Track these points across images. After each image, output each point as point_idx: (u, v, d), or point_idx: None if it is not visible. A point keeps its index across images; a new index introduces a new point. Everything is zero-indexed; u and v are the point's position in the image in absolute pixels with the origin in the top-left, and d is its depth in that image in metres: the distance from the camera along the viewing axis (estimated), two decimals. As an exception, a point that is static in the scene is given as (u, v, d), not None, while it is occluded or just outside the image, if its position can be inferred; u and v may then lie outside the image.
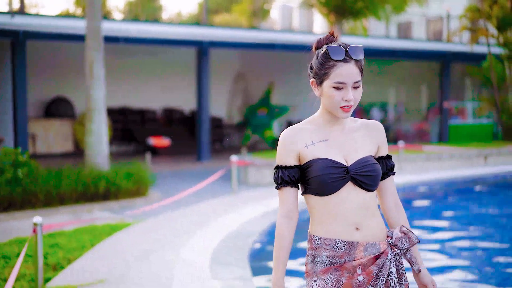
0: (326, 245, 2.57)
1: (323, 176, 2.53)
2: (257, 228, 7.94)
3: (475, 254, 7.82)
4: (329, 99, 2.57)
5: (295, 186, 2.62)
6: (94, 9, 11.94)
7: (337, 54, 2.54)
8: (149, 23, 17.55)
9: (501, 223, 10.08)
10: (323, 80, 2.58)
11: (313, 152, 2.59)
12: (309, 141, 2.61)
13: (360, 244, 2.56)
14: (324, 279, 2.55)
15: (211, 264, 6.11)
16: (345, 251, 2.55)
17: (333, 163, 2.56)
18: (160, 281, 5.57)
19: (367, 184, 2.57)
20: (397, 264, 2.60)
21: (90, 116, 12.00)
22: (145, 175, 12.03)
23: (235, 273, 5.80)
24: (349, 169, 2.56)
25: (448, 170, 14.67)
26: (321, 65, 2.58)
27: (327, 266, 2.57)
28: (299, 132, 2.63)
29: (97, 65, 11.93)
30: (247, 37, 18.37)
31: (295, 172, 2.60)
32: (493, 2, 20.10)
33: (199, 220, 8.55)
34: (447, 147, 18.28)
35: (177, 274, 5.79)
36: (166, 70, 22.86)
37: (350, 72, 2.53)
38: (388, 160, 2.73)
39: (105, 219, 9.47)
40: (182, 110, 23.44)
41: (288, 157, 2.61)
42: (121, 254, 6.68)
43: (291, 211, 2.62)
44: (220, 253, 6.59)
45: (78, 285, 5.37)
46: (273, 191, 11.67)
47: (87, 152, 12.07)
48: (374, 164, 2.61)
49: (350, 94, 2.53)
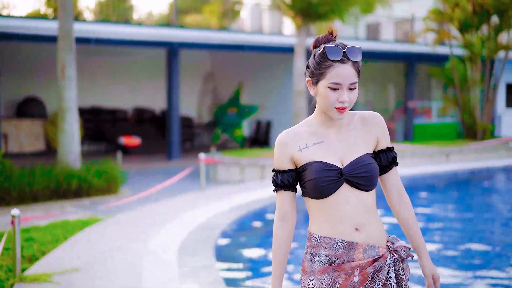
0: (325, 243, 2.57)
1: (317, 179, 2.53)
2: (223, 221, 8.38)
3: (432, 249, 8.33)
4: (324, 99, 2.54)
5: (290, 190, 2.62)
6: (66, 11, 12.23)
7: (334, 54, 2.50)
8: (120, 24, 17.85)
9: (457, 219, 10.62)
10: (319, 79, 2.54)
11: (307, 156, 2.58)
12: (303, 145, 2.59)
13: (359, 245, 2.55)
14: (320, 279, 2.55)
15: (179, 254, 6.53)
16: (344, 251, 2.55)
17: (326, 166, 2.55)
18: (131, 269, 5.98)
19: (362, 185, 2.56)
20: (397, 269, 2.60)
21: (62, 116, 12.29)
22: (116, 173, 12.37)
23: (201, 261, 6.23)
24: (343, 172, 2.55)
25: (410, 167, 15.22)
26: (318, 64, 2.54)
27: (325, 265, 2.56)
28: (293, 135, 2.62)
29: (68, 66, 12.23)
30: (217, 38, 18.77)
31: (290, 176, 2.61)
32: (455, 5, 20.74)
33: (168, 215, 8.96)
34: (410, 146, 18.88)
35: (147, 263, 6.21)
36: (137, 70, 23.19)
37: (346, 73, 2.50)
38: (389, 153, 2.69)
39: (77, 215, 9.82)
40: (153, 110, 23.76)
41: (283, 161, 2.61)
42: (94, 246, 7.06)
43: (287, 213, 2.63)
44: (187, 244, 7.03)
45: (54, 273, 5.75)
46: (239, 188, 12.12)
47: (59, 150, 12.36)
48: (369, 164, 2.58)
49: (345, 95, 2.50)
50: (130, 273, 5.87)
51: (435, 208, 11.42)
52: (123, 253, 6.67)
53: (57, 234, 7.84)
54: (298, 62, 16.68)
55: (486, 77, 21.57)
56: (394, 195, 2.70)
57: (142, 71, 23.30)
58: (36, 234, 7.81)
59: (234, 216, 8.78)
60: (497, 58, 21.98)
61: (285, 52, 19.63)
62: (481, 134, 21.32)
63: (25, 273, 5.74)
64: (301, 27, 16.65)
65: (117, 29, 17.00)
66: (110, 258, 6.46)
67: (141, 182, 13.76)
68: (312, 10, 15.89)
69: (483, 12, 20.70)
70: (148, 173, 15.55)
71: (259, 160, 14.34)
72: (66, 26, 12.22)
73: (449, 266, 7.05)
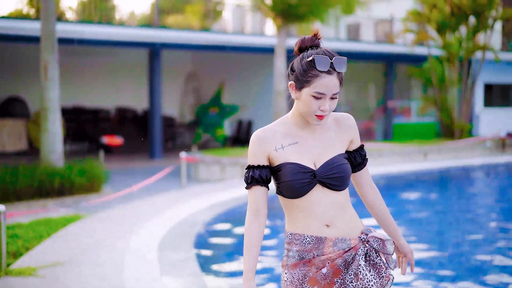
0: (296, 240, 2.65)
1: (291, 181, 2.59)
2: (203, 218, 8.62)
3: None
4: (305, 106, 2.58)
5: (265, 186, 2.66)
6: (48, 12, 12.38)
7: (323, 65, 2.53)
8: (102, 25, 17.99)
9: (431, 215, 10.93)
10: (303, 86, 2.57)
11: (282, 156, 2.63)
12: (279, 145, 2.64)
13: (328, 239, 2.62)
14: (292, 274, 2.64)
15: (159, 248, 6.76)
16: (314, 246, 2.62)
17: (300, 168, 2.60)
18: (114, 263, 6.20)
19: (335, 186, 2.62)
20: (373, 258, 2.66)
21: (45, 115, 12.42)
22: (99, 171, 12.54)
23: (180, 255, 6.46)
24: (316, 173, 2.61)
25: (388, 166, 15.52)
26: (304, 71, 2.56)
27: (297, 261, 2.64)
28: (269, 133, 2.66)
29: (51, 66, 12.37)
30: (199, 39, 18.96)
31: (266, 172, 2.65)
32: (433, 6, 21.12)
33: (149, 212, 9.18)
34: (389, 145, 19.20)
35: (129, 257, 6.42)
36: (119, 70, 23.34)
37: (331, 84, 2.55)
38: (361, 151, 2.80)
39: (60, 212, 10.00)
40: (135, 110, 23.92)
41: (259, 157, 2.65)
42: (77, 241, 7.27)
43: (259, 210, 2.65)
44: (168, 239, 7.26)
45: (38, 267, 5.95)
46: (220, 186, 12.35)
47: (42, 150, 12.50)
48: (341, 165, 2.65)
49: (327, 105, 2.56)
50: (113, 266, 6.08)
51: (411, 205, 11.72)
52: (106, 248, 6.88)
53: (41, 231, 8.02)
54: (278, 62, 16.94)
55: (463, 77, 21.97)
56: (367, 188, 2.84)
57: (124, 71, 23.46)
58: (19, 231, 7.98)
59: (214, 213, 9.02)
60: (474, 59, 22.38)
61: (266, 52, 19.88)
62: (459, 133, 21.72)
63: (10, 267, 5.94)
64: (282, 28, 16.91)
65: (99, 30, 17.15)
66: (93, 252, 6.67)
67: (123, 181, 13.94)
68: (292, 12, 16.16)
69: (460, 13, 21.10)
70: (130, 172, 15.73)
71: (240, 159, 14.58)
72: (49, 27, 12.36)
73: (423, 260, 7.32)
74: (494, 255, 7.80)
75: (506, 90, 26.62)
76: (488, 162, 17.86)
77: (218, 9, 35.73)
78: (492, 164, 17.74)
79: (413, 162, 17.17)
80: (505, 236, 9.12)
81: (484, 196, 13.69)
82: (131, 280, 5.60)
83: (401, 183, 14.20)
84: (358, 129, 2.84)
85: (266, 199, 2.68)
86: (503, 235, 9.20)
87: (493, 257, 7.67)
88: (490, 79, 25.45)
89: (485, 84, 25.52)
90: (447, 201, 12.72)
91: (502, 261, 7.42)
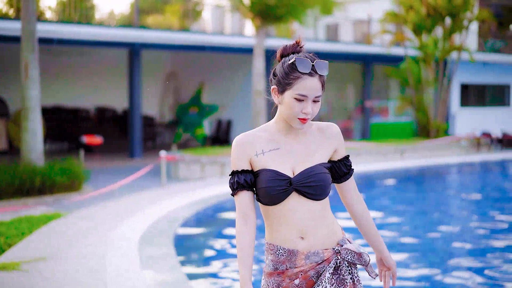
0: (270, 250, 2.67)
1: (267, 188, 2.59)
2: (182, 214, 8.81)
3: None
4: (288, 109, 2.58)
5: (250, 190, 2.66)
6: (29, 12, 12.48)
7: (304, 67, 2.55)
8: (82, 25, 18.08)
9: (405, 211, 11.21)
10: (285, 89, 2.58)
11: (261, 162, 2.64)
12: (260, 150, 2.64)
13: (300, 253, 2.61)
14: (268, 282, 2.67)
15: (140, 244, 6.94)
16: (286, 258, 2.62)
17: (277, 175, 2.60)
18: (95, 258, 6.37)
19: (312, 195, 2.60)
20: (342, 272, 2.63)
21: (25, 115, 12.52)
22: (79, 170, 12.66)
23: (160, 250, 6.65)
24: (293, 181, 2.60)
25: (365, 164, 15.79)
26: (286, 75, 2.57)
27: (272, 270, 2.66)
28: (251, 138, 2.67)
29: (32, 66, 12.47)
30: (178, 39, 19.11)
31: (250, 176, 2.65)
32: (409, 7, 21.48)
33: (130, 209, 9.36)
34: (367, 144, 19.50)
35: (110, 252, 6.60)
36: (99, 69, 23.42)
37: (313, 86, 2.55)
38: (346, 161, 2.76)
39: (41, 210, 10.14)
40: (115, 109, 24.01)
41: (242, 162, 2.65)
42: (59, 237, 7.42)
43: (247, 214, 2.65)
44: (148, 234, 7.44)
45: (22, 262, 6.11)
46: (199, 184, 12.54)
47: (23, 149, 12.59)
48: (320, 174, 2.63)
49: (309, 107, 2.56)
50: (94, 261, 6.25)
51: (385, 201, 11.99)
52: (87, 244, 7.05)
53: (23, 228, 8.15)
54: (257, 62, 17.15)
55: (439, 77, 22.36)
56: (352, 199, 2.79)
57: (104, 71, 23.55)
58: (1, 228, 8.10)
59: (193, 210, 9.21)
60: (450, 59, 22.77)
61: (245, 53, 20.08)
62: (435, 133, 22.10)
63: (-6, 262, 6.10)
64: (260, 29, 17.13)
65: (79, 30, 17.25)
66: (75, 248, 6.84)
67: (103, 180, 14.06)
68: (270, 12, 16.39)
69: (436, 15, 21.49)
70: (110, 171, 15.85)
71: (219, 158, 14.77)
72: (29, 27, 12.45)
73: (400, 256, 7.57)
74: (465, 247, 8.08)
75: (482, 90, 27.09)
76: (462, 160, 18.24)
77: (197, 9, 35.84)
78: (466, 162, 18.12)
79: (389, 161, 17.47)
80: (477, 230, 9.41)
81: (457, 193, 14.01)
82: (113, 274, 5.77)
83: (377, 181, 14.48)
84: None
85: (253, 203, 2.68)
86: (476, 229, 9.50)
87: (465, 248, 7.95)
88: (466, 79, 25.87)
89: (462, 84, 25.94)
90: (422, 198, 13.01)
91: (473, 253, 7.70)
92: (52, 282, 5.51)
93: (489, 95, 27.32)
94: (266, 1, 16.38)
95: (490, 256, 7.63)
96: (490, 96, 27.35)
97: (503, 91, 27.78)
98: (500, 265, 7.16)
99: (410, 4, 21.41)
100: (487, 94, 27.27)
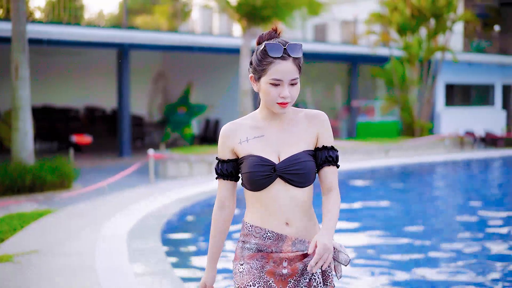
0: (256, 233, 2.67)
1: (251, 174, 2.62)
2: (170, 211, 9.10)
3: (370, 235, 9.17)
4: (266, 95, 2.61)
5: (229, 179, 2.74)
6: (19, 13, 12.70)
7: (275, 51, 2.57)
8: (71, 25, 18.29)
9: (386, 207, 11.53)
10: (260, 76, 2.61)
11: (246, 149, 2.67)
12: (244, 138, 2.68)
13: (288, 238, 2.64)
14: (250, 264, 2.65)
15: (128, 238, 7.23)
16: (273, 242, 2.64)
17: (261, 160, 2.62)
18: (86, 251, 6.65)
19: (295, 182, 2.62)
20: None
21: (16, 114, 12.72)
22: (69, 169, 12.89)
23: (148, 244, 6.94)
24: (277, 167, 2.62)
25: (350, 163, 16.11)
26: (259, 61, 2.60)
27: (254, 252, 2.67)
28: (236, 127, 2.71)
29: (22, 66, 12.68)
30: (167, 39, 19.36)
31: (230, 166, 2.71)
32: (394, 9, 21.86)
33: (118, 206, 9.64)
34: (352, 143, 19.84)
35: (100, 246, 6.89)
36: (88, 69, 23.65)
37: (287, 70, 2.56)
38: (328, 151, 2.70)
39: (32, 208, 10.38)
40: (104, 109, 24.24)
41: (224, 151, 2.72)
42: (50, 232, 7.70)
43: (224, 201, 2.75)
44: (136, 229, 7.73)
45: (14, 255, 6.39)
46: (187, 182, 12.82)
47: (13, 148, 12.79)
48: (304, 161, 2.63)
49: (286, 91, 2.56)
50: (84, 254, 6.53)
51: (368, 197, 12.32)
52: (78, 238, 7.33)
53: (14, 224, 8.40)
54: (244, 63, 17.44)
55: (424, 77, 22.74)
56: (325, 190, 2.71)
57: (93, 71, 23.78)
58: (-7, 224, 8.38)
59: (179, 207, 9.49)
60: (434, 59, 23.14)
61: (233, 53, 20.36)
62: (419, 132, 22.47)
63: (-12, 255, 6.37)
64: (247, 30, 17.42)
65: (68, 30, 17.47)
66: (66, 241, 7.12)
67: (93, 178, 14.29)
68: (257, 14, 16.70)
69: (420, 16, 21.87)
70: (100, 170, 16.08)
71: (206, 156, 15.05)
72: (20, 28, 12.66)
73: (383, 251, 7.88)
74: (446, 243, 8.40)
75: (467, 90, 27.50)
76: (445, 159, 18.60)
77: (186, 10, 36.05)
78: (448, 161, 18.49)
79: (374, 159, 17.80)
80: (458, 226, 9.75)
81: (438, 189, 14.37)
82: (102, 265, 6.05)
83: (361, 178, 14.80)
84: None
85: (232, 192, 2.76)
86: (457, 225, 9.83)
87: (446, 246, 8.26)
88: (451, 79, 26.26)
89: (446, 84, 26.31)
90: (403, 194, 13.35)
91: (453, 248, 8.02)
92: (44, 273, 5.79)
93: (474, 95, 27.75)
94: (252, 2, 16.68)
95: (471, 250, 7.88)
96: (475, 96, 27.78)
97: (487, 91, 28.22)
98: (483, 261, 7.38)
99: (395, 5, 21.79)
100: (472, 94, 27.69)
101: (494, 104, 28.24)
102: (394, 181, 15.36)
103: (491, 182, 16.22)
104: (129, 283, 5.47)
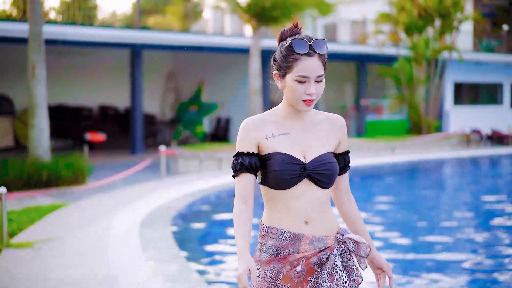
0: (272, 234, 2.59)
1: (280, 171, 2.53)
2: (179, 204, 9.56)
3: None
4: (291, 92, 2.55)
5: (253, 173, 2.59)
6: (36, 15, 13.18)
7: (301, 47, 2.52)
8: (85, 26, 18.79)
9: (389, 202, 11.91)
10: (286, 73, 2.55)
11: (272, 145, 2.58)
12: (270, 133, 2.60)
13: (306, 237, 2.57)
14: (265, 270, 2.58)
15: (140, 227, 7.69)
16: (290, 242, 2.57)
17: (291, 159, 2.55)
18: (100, 238, 7.12)
19: (323, 182, 2.57)
20: (346, 260, 2.61)
21: (33, 112, 13.19)
22: (83, 165, 13.37)
23: (158, 233, 7.39)
24: (307, 167, 2.56)
25: (356, 160, 16.48)
26: (285, 58, 2.55)
27: (271, 256, 2.59)
28: (260, 122, 2.62)
29: (38, 65, 13.14)
30: (179, 40, 19.82)
31: (255, 159, 2.59)
32: (401, 9, 22.23)
33: (131, 198, 10.13)
34: (360, 140, 20.22)
35: (113, 234, 7.35)
36: (102, 69, 24.12)
37: (313, 66, 2.52)
38: (346, 156, 2.73)
39: (49, 201, 10.87)
40: (117, 107, 24.73)
41: (249, 144, 2.59)
42: (66, 222, 8.19)
43: (247, 197, 2.58)
44: (147, 220, 8.20)
45: (34, 241, 6.86)
46: (197, 177, 13.27)
47: (30, 144, 13.26)
48: (331, 162, 2.60)
49: (312, 88, 2.52)
50: (99, 241, 7.00)
51: (372, 192, 12.70)
52: (92, 227, 7.81)
53: (33, 216, 8.88)
54: (253, 62, 17.87)
55: (431, 76, 23.08)
56: (343, 195, 2.75)
57: (107, 70, 24.25)
58: (13, 216, 8.82)
59: (188, 200, 9.95)
60: (441, 59, 23.46)
61: (243, 53, 20.76)
62: (426, 130, 22.81)
63: (10, 241, 6.85)
64: (256, 30, 17.85)
65: (83, 31, 17.94)
66: (82, 230, 7.60)
67: (106, 174, 14.75)
68: (266, 14, 17.13)
69: (427, 16, 22.22)
70: (113, 167, 16.55)
71: (216, 153, 15.49)
72: (36, 29, 13.12)
73: (388, 246, 8.26)
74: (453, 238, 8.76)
75: (476, 89, 27.79)
76: (451, 156, 18.92)
77: (198, 10, 36.53)
78: (454, 158, 18.79)
79: (380, 156, 18.16)
80: (461, 222, 10.09)
81: (443, 185, 14.72)
82: (115, 251, 6.51)
83: (367, 175, 15.18)
84: None
85: (254, 187, 2.62)
86: (461, 221, 10.17)
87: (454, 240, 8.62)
88: (460, 78, 26.54)
89: (455, 83, 26.60)
90: (408, 190, 13.72)
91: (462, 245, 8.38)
92: (61, 258, 6.25)
93: (482, 93, 28.04)
94: (261, 3, 17.11)
95: (477, 246, 8.06)
96: (483, 95, 28.07)
97: (496, 90, 28.50)
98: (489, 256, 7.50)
99: (402, 5, 22.16)
100: (480, 93, 27.98)
101: (502, 103, 28.49)
102: (398, 178, 15.71)
103: (497, 178, 16.47)
104: (139, 266, 5.92)
